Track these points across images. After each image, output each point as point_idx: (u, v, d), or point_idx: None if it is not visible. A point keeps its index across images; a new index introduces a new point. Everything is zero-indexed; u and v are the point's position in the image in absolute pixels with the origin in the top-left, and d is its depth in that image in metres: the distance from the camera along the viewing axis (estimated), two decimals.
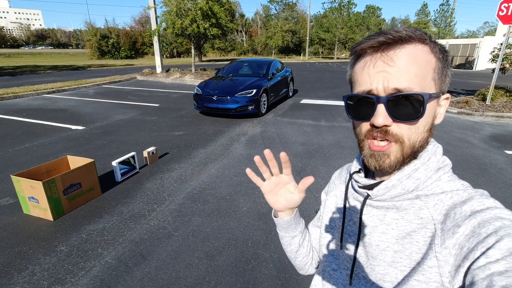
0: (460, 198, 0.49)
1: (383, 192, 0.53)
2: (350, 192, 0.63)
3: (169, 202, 3.11)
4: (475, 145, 4.96)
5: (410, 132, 0.49)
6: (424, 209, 0.50)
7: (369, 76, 0.50)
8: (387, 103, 0.48)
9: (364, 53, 0.51)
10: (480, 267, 0.37)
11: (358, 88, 0.52)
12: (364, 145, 0.54)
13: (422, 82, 0.48)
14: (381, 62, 0.48)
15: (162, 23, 13.38)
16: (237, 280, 2.08)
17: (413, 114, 0.48)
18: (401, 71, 0.47)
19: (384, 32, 0.49)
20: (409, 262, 0.49)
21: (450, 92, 4.30)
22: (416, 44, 0.48)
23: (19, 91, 9.41)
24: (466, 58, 23.09)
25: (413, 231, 0.50)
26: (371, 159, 0.52)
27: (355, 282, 0.58)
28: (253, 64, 8.49)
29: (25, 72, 17.45)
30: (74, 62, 29.16)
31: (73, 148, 4.71)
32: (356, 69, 0.53)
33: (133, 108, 7.78)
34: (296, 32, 49.10)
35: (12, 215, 2.86)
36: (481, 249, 0.39)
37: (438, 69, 0.50)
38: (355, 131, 0.57)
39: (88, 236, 2.55)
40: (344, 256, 0.62)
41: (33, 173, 2.94)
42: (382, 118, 0.48)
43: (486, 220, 0.42)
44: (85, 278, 2.08)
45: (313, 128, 5.96)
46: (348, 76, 0.58)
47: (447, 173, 0.54)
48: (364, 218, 0.58)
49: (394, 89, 0.47)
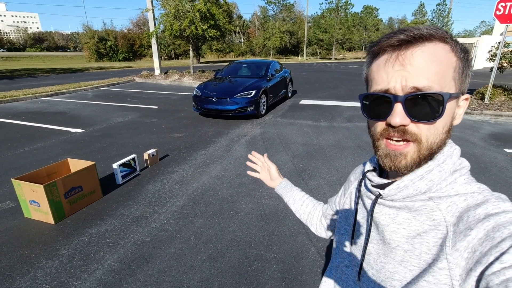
0: (474, 200, 0.48)
1: (394, 192, 0.53)
2: (363, 191, 0.64)
3: (171, 204, 3.11)
4: (475, 144, 4.98)
5: (428, 132, 0.48)
6: (437, 211, 0.49)
7: (386, 75, 0.49)
8: (405, 102, 0.47)
9: (382, 51, 0.50)
10: (494, 272, 0.36)
11: (374, 86, 0.51)
12: (380, 144, 0.53)
13: (442, 81, 0.47)
14: (400, 60, 0.47)
15: (160, 25, 13.38)
16: (240, 281, 2.08)
17: (431, 114, 0.47)
18: (420, 70, 0.46)
19: (405, 30, 0.48)
20: (418, 262, 0.49)
21: None
22: (436, 42, 0.48)
23: (17, 94, 9.38)
24: None
25: (424, 232, 0.50)
26: (386, 159, 0.51)
27: (365, 279, 0.58)
28: (252, 65, 8.49)
29: (23, 76, 17.40)
30: (72, 65, 29.11)
31: (73, 151, 4.69)
32: (373, 68, 0.53)
33: (133, 110, 7.77)
34: (294, 33, 49.20)
35: (13, 219, 2.85)
36: (495, 254, 0.38)
37: (459, 69, 0.49)
38: (370, 130, 0.56)
39: (90, 239, 2.54)
40: (355, 253, 0.63)
41: (34, 176, 2.93)
42: (399, 118, 0.47)
43: (501, 223, 0.41)
44: (88, 281, 2.07)
45: (313, 128, 5.97)
46: (364, 74, 0.57)
47: (463, 175, 0.53)
48: (375, 216, 0.58)
49: (413, 88, 0.46)
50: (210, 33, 13.23)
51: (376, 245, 0.57)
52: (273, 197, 3.20)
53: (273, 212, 2.95)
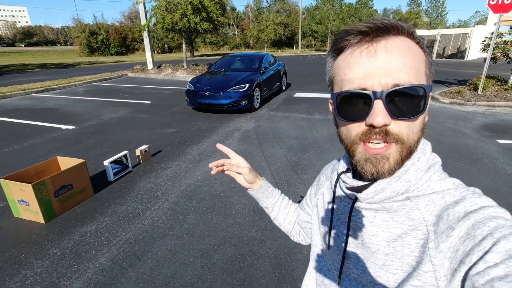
0: (452, 198, 0.46)
1: (372, 195, 0.51)
2: (338, 193, 0.61)
3: (163, 200, 3.08)
4: (467, 135, 5.01)
5: (409, 130, 0.46)
6: (415, 210, 0.48)
7: (360, 69, 0.44)
8: (386, 99, 0.43)
9: (349, 43, 0.46)
10: (479, 272, 0.36)
11: (348, 85, 0.46)
12: (356, 149, 0.48)
13: (417, 76, 0.45)
14: (373, 51, 0.43)
15: (152, 18, 13.14)
16: (233, 277, 2.07)
17: (413, 110, 0.44)
18: (397, 63, 0.43)
19: (371, 20, 0.45)
20: (401, 265, 0.48)
21: (442, 82, 4.36)
22: (405, 36, 0.46)
23: (6, 91, 9.19)
24: (458, 48, 23.20)
25: (404, 233, 0.48)
26: (367, 164, 0.47)
27: (347, 284, 0.56)
28: (245, 59, 8.41)
29: (12, 71, 17.04)
30: (63, 59, 28.58)
31: (64, 148, 4.62)
32: (340, 64, 0.48)
33: (125, 106, 7.67)
34: (288, 25, 48.79)
35: (2, 219, 2.80)
36: (477, 253, 0.38)
37: (428, 63, 0.48)
38: (341, 134, 0.52)
39: (81, 238, 2.51)
40: (334, 258, 0.60)
41: (23, 175, 2.87)
42: (381, 117, 0.43)
43: (480, 221, 0.41)
44: (79, 281, 2.05)
45: (307, 122, 5.95)
46: (328, 74, 0.53)
47: (437, 172, 0.51)
48: (353, 220, 0.56)
49: (394, 85, 0.43)
50: (203, 26, 13.04)
51: (355, 249, 0.55)
52: None
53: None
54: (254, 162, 3.97)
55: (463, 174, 3.54)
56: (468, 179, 3.40)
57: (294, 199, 3.00)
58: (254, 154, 4.28)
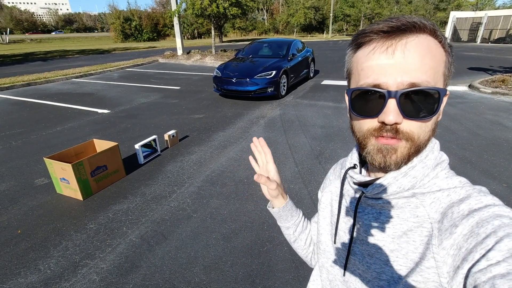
0: (457, 196, 0.47)
1: (378, 190, 0.52)
2: (346, 189, 0.62)
3: (189, 184, 3.22)
4: (510, 128, 4.63)
5: (420, 130, 0.46)
6: (420, 208, 0.49)
7: (377, 66, 0.45)
8: (399, 98, 0.44)
9: (370, 39, 0.47)
10: (481, 270, 0.36)
11: (363, 80, 0.47)
12: (368, 142, 0.50)
13: (435, 76, 0.45)
14: (392, 50, 0.44)
15: (182, 3, 13.27)
16: (252, 261, 2.16)
17: (426, 111, 0.45)
18: (415, 63, 0.43)
19: (394, 17, 0.45)
20: (405, 261, 0.49)
21: (485, 70, 4.10)
22: (428, 34, 0.45)
23: (50, 76, 9.88)
24: (507, 31, 21.08)
25: (409, 230, 0.49)
26: (377, 155, 0.48)
27: (352, 280, 0.58)
28: (273, 45, 8.29)
29: (55, 57, 18.19)
30: (100, 46, 29.91)
31: (100, 131, 4.94)
32: (359, 58, 0.49)
33: (155, 91, 7.95)
34: (319, 9, 46.85)
35: (47, 194, 3.10)
36: (480, 250, 0.38)
37: (448, 64, 0.47)
38: (354, 127, 0.53)
39: (114, 216, 2.72)
40: (339, 254, 0.62)
41: (64, 155, 3.13)
42: (393, 116, 0.44)
43: (484, 219, 0.41)
44: (111, 254, 2.25)
45: (334, 110, 5.82)
46: (346, 66, 0.54)
47: (444, 169, 0.52)
48: (359, 216, 0.57)
49: (410, 84, 0.44)
50: (231, 11, 12.98)
51: (360, 245, 0.57)
52: (288, 180, 3.22)
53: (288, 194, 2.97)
54: (278, 150, 3.99)
55: (501, 170, 3.31)
56: (506, 176, 3.19)
57: (316, 189, 3.01)
58: (279, 142, 4.30)
